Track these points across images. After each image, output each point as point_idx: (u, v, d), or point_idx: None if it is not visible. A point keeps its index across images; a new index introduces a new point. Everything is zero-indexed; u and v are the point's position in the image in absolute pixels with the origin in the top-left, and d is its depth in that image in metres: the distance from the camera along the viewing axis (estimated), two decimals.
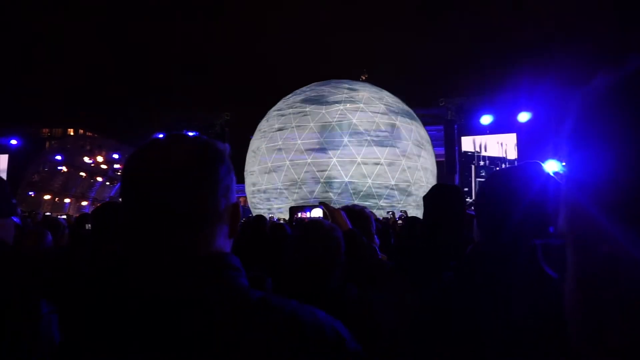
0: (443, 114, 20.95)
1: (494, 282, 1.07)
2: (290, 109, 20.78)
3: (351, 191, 18.70)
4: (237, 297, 0.74)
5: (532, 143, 18.39)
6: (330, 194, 18.61)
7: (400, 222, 7.30)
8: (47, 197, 27.47)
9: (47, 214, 13.75)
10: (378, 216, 8.62)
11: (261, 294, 0.77)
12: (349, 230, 1.92)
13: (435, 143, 23.48)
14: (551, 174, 1.11)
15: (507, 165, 19.19)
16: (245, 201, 22.95)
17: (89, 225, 3.24)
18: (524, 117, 18.12)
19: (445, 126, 20.55)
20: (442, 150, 22.08)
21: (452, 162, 20.10)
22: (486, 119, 18.55)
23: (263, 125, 21.73)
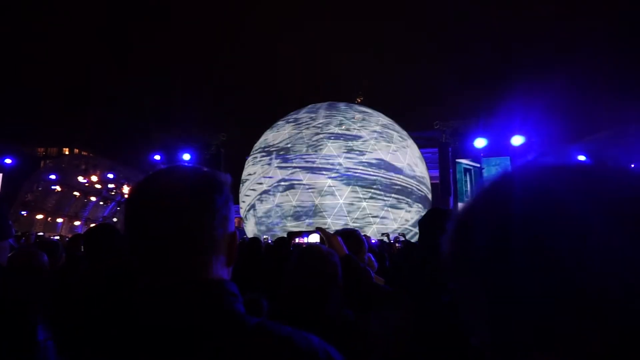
0: (438, 136, 21.05)
1: None
2: (286, 131, 20.94)
3: (345, 213, 18.69)
4: (233, 322, 0.76)
5: None
6: (325, 215, 18.59)
7: (398, 245, 7.26)
8: (39, 216, 27.19)
9: (40, 234, 13.61)
10: (373, 239, 8.57)
11: (257, 320, 0.78)
12: (345, 256, 1.94)
13: (429, 165, 23.61)
14: None
15: None
16: (240, 222, 22.84)
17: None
18: (517, 140, 18.24)
19: (440, 149, 20.62)
20: (436, 173, 22.17)
21: (446, 185, 20.12)
22: (480, 142, 18.64)
23: (258, 146, 21.82)
